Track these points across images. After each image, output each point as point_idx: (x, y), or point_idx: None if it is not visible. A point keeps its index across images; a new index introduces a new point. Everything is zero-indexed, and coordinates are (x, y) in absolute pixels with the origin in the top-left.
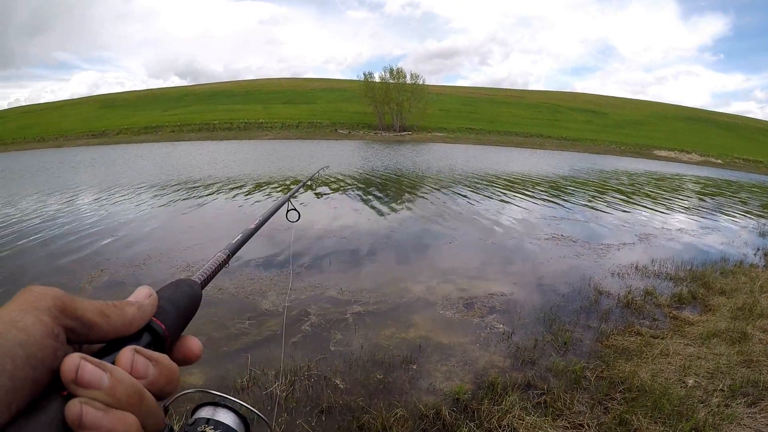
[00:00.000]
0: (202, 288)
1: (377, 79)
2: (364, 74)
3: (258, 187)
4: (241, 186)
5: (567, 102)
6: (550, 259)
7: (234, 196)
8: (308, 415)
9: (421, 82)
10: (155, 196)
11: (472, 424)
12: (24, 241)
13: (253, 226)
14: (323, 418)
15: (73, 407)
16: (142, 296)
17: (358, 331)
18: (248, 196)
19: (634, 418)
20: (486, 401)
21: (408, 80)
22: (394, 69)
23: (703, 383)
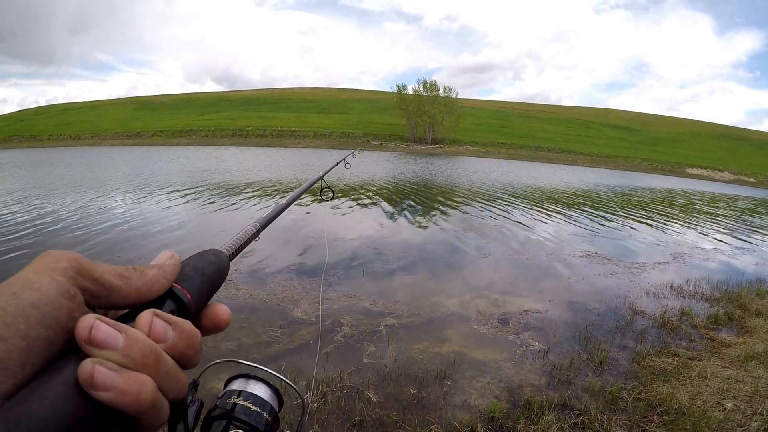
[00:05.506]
0: (230, 259)
1: (410, 92)
2: (398, 86)
3: (292, 190)
4: (276, 190)
5: (599, 118)
6: (585, 276)
7: (270, 199)
8: (340, 428)
9: (453, 96)
10: (190, 198)
11: None
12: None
13: (284, 201)
14: None
15: (85, 366)
16: (164, 259)
17: (392, 343)
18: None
19: None
20: (522, 420)
21: (441, 93)
22: (428, 82)
23: (741, 407)
